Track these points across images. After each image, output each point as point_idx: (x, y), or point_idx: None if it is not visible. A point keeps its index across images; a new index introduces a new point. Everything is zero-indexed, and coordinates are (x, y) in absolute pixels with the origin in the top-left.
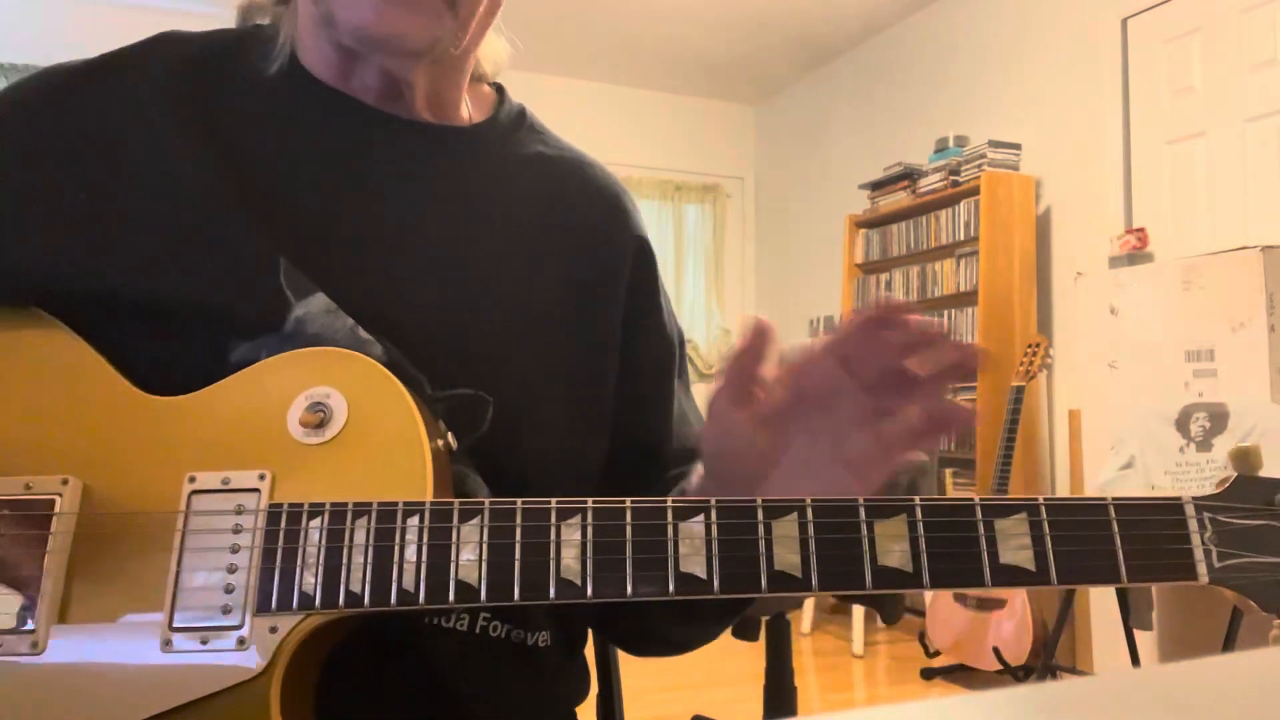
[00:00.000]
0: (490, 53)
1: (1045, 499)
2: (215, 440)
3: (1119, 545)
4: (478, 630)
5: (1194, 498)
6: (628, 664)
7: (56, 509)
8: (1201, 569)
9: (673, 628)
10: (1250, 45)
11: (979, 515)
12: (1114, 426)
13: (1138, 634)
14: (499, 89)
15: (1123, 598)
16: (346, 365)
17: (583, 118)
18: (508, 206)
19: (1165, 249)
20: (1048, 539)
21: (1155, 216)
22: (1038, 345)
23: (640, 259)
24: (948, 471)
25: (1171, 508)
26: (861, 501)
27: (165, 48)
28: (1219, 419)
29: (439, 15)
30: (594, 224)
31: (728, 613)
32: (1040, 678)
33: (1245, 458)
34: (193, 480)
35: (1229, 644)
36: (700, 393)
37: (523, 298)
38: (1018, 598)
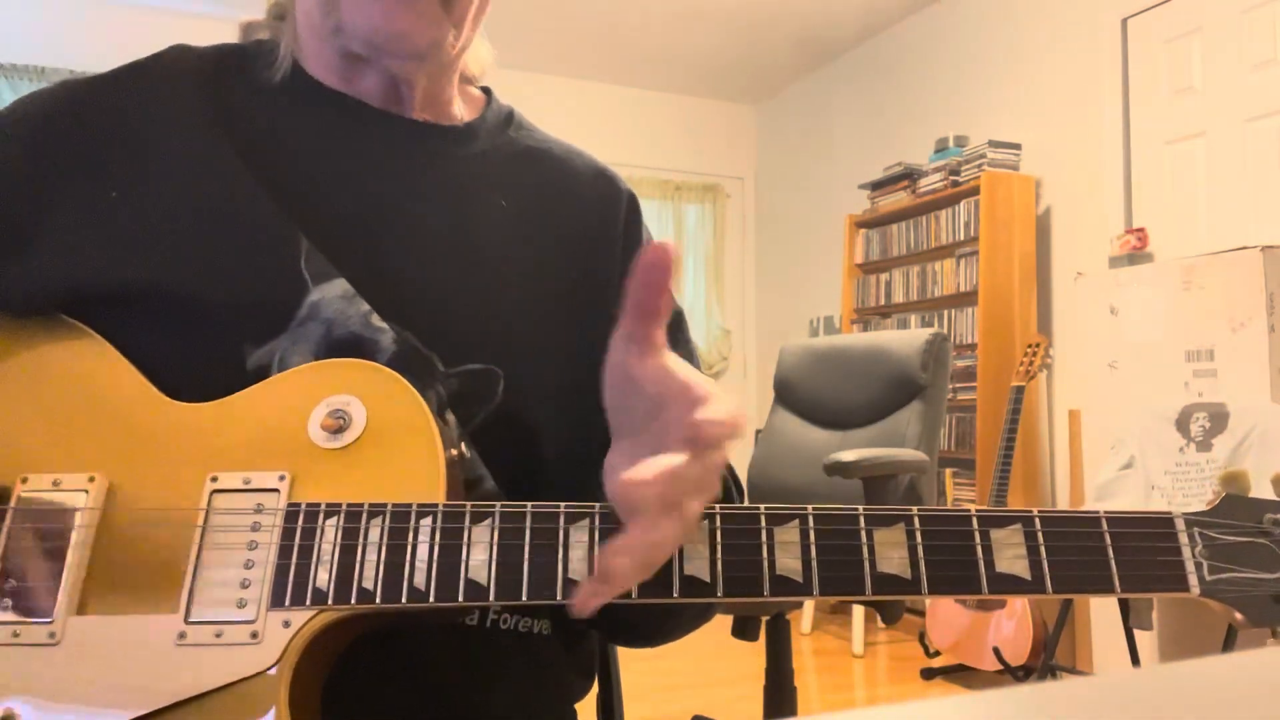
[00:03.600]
0: (475, 55)
1: (1040, 511)
2: (237, 443)
3: (1112, 556)
4: (488, 624)
5: (1184, 514)
6: (628, 664)
7: (81, 505)
8: (1193, 580)
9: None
10: (1250, 45)
11: (975, 525)
12: (1114, 426)
13: (1138, 634)
14: (487, 92)
15: (1123, 598)
16: (367, 374)
17: (583, 118)
18: (504, 194)
19: (1165, 249)
20: (1042, 549)
21: (1155, 216)
22: (1038, 345)
23: (631, 207)
24: (948, 471)
25: (1162, 521)
26: (861, 510)
27: (179, 56)
28: (1219, 419)
29: (438, 19)
30: (586, 195)
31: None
32: (1040, 678)
33: (1235, 480)
34: (215, 480)
35: (1229, 644)
36: None
37: (526, 275)
38: (1018, 598)
